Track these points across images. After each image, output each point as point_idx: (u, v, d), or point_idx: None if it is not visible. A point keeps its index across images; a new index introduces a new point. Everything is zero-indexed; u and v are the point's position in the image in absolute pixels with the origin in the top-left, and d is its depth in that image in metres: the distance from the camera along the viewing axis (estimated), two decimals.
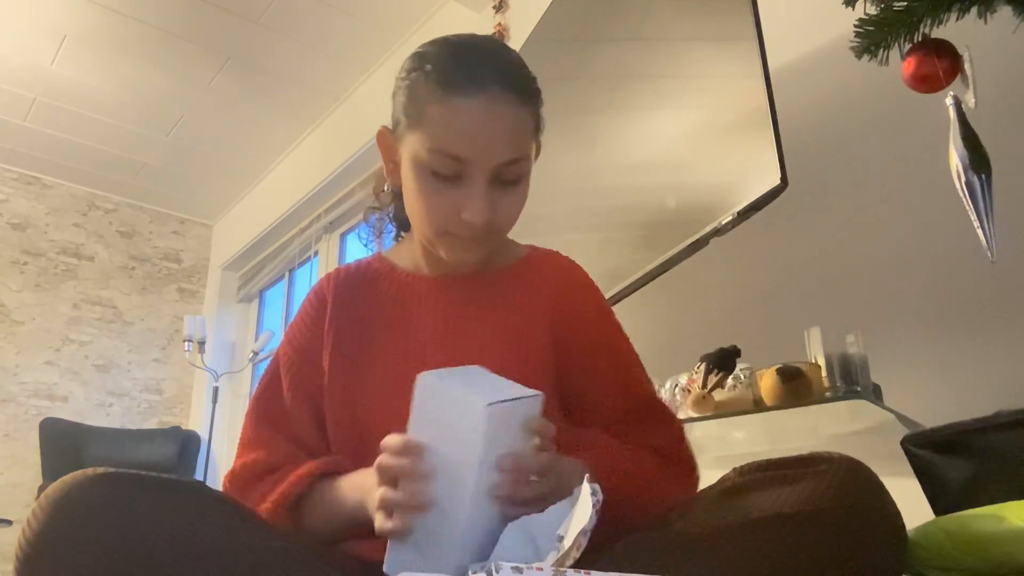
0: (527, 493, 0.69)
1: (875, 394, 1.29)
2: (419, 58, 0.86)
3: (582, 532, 0.62)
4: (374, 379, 0.91)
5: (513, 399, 0.69)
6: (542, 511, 0.70)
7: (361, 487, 0.78)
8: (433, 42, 0.87)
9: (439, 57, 0.84)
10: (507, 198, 0.85)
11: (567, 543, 0.62)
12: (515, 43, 2.52)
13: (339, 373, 0.93)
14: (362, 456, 0.77)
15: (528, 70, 0.87)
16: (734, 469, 0.71)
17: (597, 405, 0.92)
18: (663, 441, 0.91)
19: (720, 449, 1.61)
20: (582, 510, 0.64)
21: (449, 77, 0.81)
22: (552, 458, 0.73)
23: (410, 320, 0.94)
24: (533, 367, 0.91)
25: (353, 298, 0.97)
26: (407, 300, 0.96)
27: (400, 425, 0.77)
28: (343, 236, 3.94)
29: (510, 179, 0.84)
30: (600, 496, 0.64)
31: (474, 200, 0.82)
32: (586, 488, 0.65)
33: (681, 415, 1.43)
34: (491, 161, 0.82)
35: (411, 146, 0.85)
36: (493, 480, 0.68)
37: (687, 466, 0.92)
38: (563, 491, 0.71)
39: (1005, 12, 1.06)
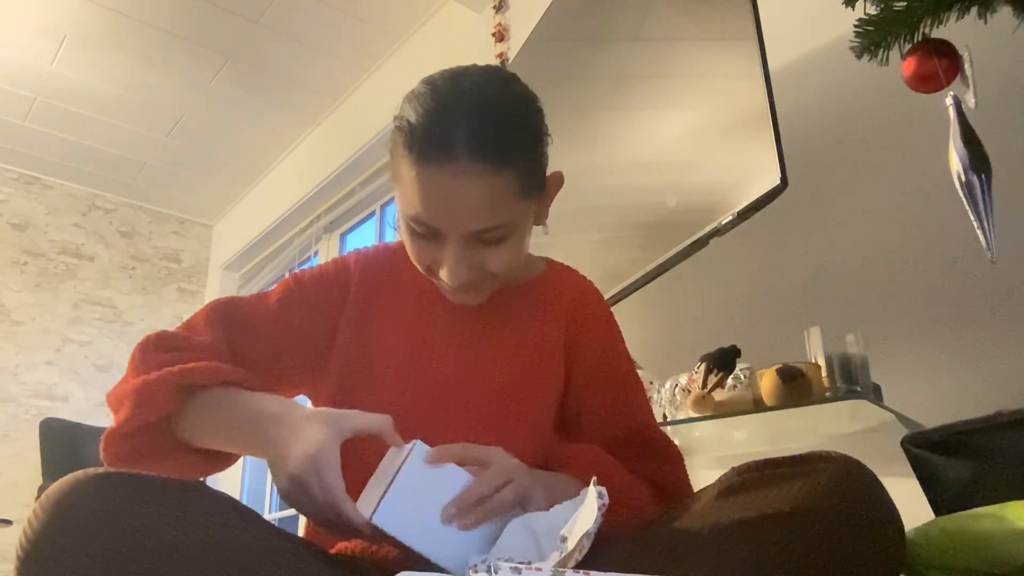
0: (489, 512, 0.71)
1: (875, 394, 1.29)
2: (409, 102, 0.81)
3: (586, 535, 0.62)
4: (380, 373, 0.92)
5: (390, 482, 0.68)
6: (535, 504, 0.72)
7: (271, 438, 0.73)
8: (430, 81, 0.82)
9: (420, 111, 0.79)
10: (492, 254, 0.82)
11: (570, 544, 0.62)
12: (515, 43, 2.52)
13: (347, 362, 0.92)
14: (353, 444, 0.77)
15: (513, 124, 0.80)
16: (733, 468, 0.71)
17: (594, 427, 0.93)
18: (660, 476, 0.91)
19: (720, 449, 1.62)
20: (587, 512, 0.64)
21: (421, 141, 0.77)
22: (482, 451, 0.75)
23: (424, 321, 0.95)
24: (539, 380, 0.92)
25: (375, 285, 0.96)
26: (424, 298, 0.96)
27: (397, 423, 0.77)
28: (343, 236, 3.94)
29: (493, 240, 0.81)
30: (606, 499, 0.64)
31: (448, 263, 0.81)
32: (592, 491, 0.65)
33: (681, 415, 1.43)
34: (461, 230, 0.80)
35: (397, 194, 0.84)
36: (456, 530, 0.69)
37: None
38: (522, 477, 0.73)
39: (1005, 12, 1.06)
